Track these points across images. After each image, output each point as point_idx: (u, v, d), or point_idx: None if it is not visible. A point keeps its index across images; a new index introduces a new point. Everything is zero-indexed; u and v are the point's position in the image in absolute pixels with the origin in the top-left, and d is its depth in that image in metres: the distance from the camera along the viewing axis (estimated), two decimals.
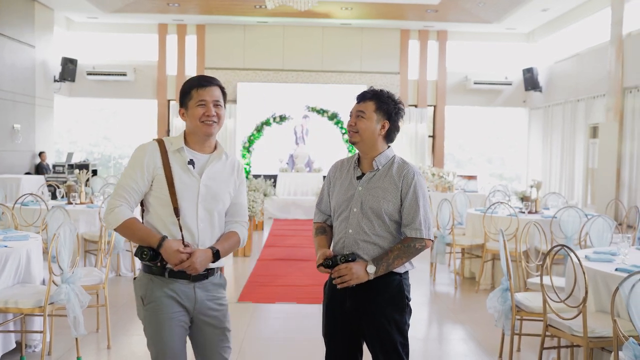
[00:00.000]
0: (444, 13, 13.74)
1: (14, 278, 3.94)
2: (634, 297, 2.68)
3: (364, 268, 2.40)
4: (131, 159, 2.41)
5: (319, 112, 14.13)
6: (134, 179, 2.35)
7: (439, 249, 6.55)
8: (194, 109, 2.38)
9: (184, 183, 2.37)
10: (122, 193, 2.35)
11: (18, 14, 12.41)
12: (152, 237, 2.32)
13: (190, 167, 2.39)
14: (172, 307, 2.36)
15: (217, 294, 2.46)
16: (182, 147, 2.40)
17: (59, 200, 7.18)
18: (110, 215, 2.34)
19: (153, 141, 2.43)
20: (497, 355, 4.27)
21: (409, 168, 2.50)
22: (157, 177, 2.37)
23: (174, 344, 2.36)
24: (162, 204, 2.36)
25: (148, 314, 2.38)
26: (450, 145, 17.10)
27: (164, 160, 2.37)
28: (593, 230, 5.12)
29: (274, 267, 7.22)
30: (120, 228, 2.34)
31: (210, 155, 2.46)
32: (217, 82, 2.43)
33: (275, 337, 4.73)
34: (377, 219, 2.45)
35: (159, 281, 2.37)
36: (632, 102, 10.92)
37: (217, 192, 2.44)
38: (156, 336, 2.36)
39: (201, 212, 2.39)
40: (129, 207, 2.36)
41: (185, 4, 13.43)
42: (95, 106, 17.62)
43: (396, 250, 2.43)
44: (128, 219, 2.33)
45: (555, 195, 8.49)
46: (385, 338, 2.45)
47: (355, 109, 2.54)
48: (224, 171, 2.48)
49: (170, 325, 2.35)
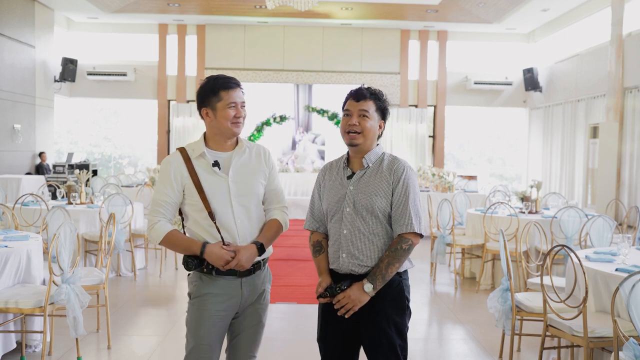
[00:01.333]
0: (444, 13, 13.74)
1: (14, 278, 3.94)
2: (634, 297, 2.67)
3: (362, 289, 2.36)
4: (160, 174, 2.49)
5: (319, 112, 14.13)
6: (165, 193, 2.44)
7: (439, 249, 6.55)
8: (224, 110, 2.42)
9: (213, 185, 2.42)
10: (157, 209, 2.45)
11: (18, 14, 12.42)
12: (194, 245, 2.39)
13: (215, 168, 2.44)
14: (216, 305, 2.42)
15: (263, 287, 2.54)
16: (203, 152, 2.45)
17: (59, 200, 7.18)
18: (152, 231, 2.43)
19: (176, 151, 2.49)
20: (497, 355, 4.27)
21: (399, 162, 2.46)
22: (186, 185, 2.43)
23: (209, 340, 2.42)
24: (197, 210, 2.43)
25: (192, 309, 2.45)
26: (450, 145, 17.10)
27: (189, 169, 2.43)
28: (593, 231, 5.11)
29: (274, 267, 7.18)
30: (163, 242, 2.42)
31: (233, 152, 2.49)
32: (240, 83, 2.49)
33: (275, 337, 4.72)
34: (371, 216, 2.41)
35: (207, 279, 2.44)
36: (632, 102, 10.92)
37: (248, 185, 2.47)
38: (195, 330, 2.43)
39: (237, 209, 2.44)
40: (167, 220, 2.45)
41: (185, 4, 13.43)
42: (95, 106, 17.64)
43: (386, 258, 2.37)
44: (168, 232, 2.41)
45: (555, 195, 8.49)
46: (384, 341, 2.41)
47: (357, 108, 2.43)
48: (250, 163, 2.51)
49: (210, 322, 2.42)
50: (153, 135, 15.77)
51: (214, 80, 2.44)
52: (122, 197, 6.39)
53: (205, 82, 2.46)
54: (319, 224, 2.59)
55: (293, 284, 6.35)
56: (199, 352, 2.41)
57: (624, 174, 11.01)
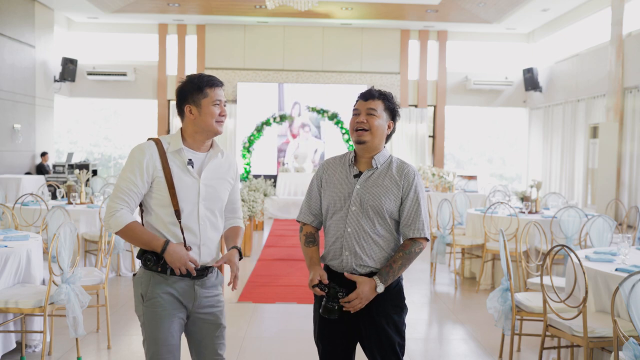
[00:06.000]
0: (444, 13, 13.75)
1: (14, 278, 3.94)
2: (634, 297, 2.67)
3: (373, 288, 2.37)
4: (129, 160, 2.36)
5: (319, 112, 14.13)
6: (133, 181, 2.32)
7: (439, 249, 6.54)
8: (209, 107, 2.37)
9: (184, 184, 2.36)
10: (121, 196, 2.32)
11: (18, 14, 12.42)
12: (156, 241, 2.32)
13: (189, 167, 2.38)
14: (172, 305, 2.37)
15: (215, 291, 2.49)
16: (181, 148, 2.39)
17: (59, 200, 7.18)
18: (112, 219, 2.31)
19: (150, 141, 2.39)
20: (497, 355, 4.27)
21: (410, 168, 2.50)
22: (156, 179, 2.35)
23: (171, 341, 2.37)
24: (162, 205, 2.36)
25: (147, 311, 2.37)
26: (450, 145, 17.11)
27: (163, 162, 2.35)
28: (593, 230, 5.11)
29: (274, 267, 7.21)
30: (122, 232, 2.32)
31: (207, 154, 2.46)
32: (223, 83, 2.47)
33: (275, 337, 4.72)
34: (378, 217, 2.43)
35: (160, 279, 2.37)
36: (632, 102, 10.92)
37: (217, 190, 2.44)
38: (154, 333, 2.36)
39: (202, 212, 2.40)
40: (129, 210, 2.34)
41: (185, 4, 13.43)
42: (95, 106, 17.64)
43: (399, 259, 2.42)
44: (130, 222, 2.31)
45: (555, 195, 8.49)
46: (384, 339, 2.43)
47: (365, 107, 2.46)
48: (221, 169, 2.48)
49: (168, 322, 2.36)
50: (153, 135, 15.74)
51: (199, 77, 2.39)
52: None
53: (188, 80, 2.40)
54: (314, 218, 2.60)
55: (293, 284, 6.35)
56: (162, 355, 2.34)
57: (624, 174, 11.01)
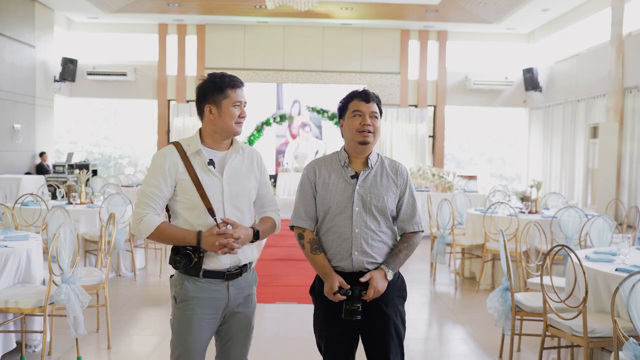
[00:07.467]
0: (444, 13, 13.75)
1: (14, 278, 3.94)
2: (634, 297, 2.68)
3: (384, 277, 2.46)
4: (151, 167, 2.39)
5: (319, 112, 14.13)
6: (156, 186, 2.34)
7: (439, 249, 6.54)
8: (229, 108, 2.36)
9: (207, 184, 2.36)
10: (146, 201, 2.35)
11: (18, 14, 12.42)
12: (189, 235, 2.33)
13: (210, 167, 2.38)
14: (204, 309, 2.37)
15: (249, 291, 2.50)
16: (200, 149, 2.39)
17: (59, 200, 7.18)
18: (141, 224, 2.32)
19: (171, 145, 2.40)
20: (497, 355, 4.27)
21: (401, 165, 2.64)
22: (180, 182, 2.35)
23: (197, 347, 2.37)
24: (188, 208, 2.36)
25: (178, 313, 2.39)
26: (450, 145, 17.11)
27: (186, 164, 2.36)
28: (593, 230, 5.11)
29: (274, 267, 7.22)
30: (154, 235, 2.33)
31: (228, 152, 2.45)
32: (244, 83, 2.45)
33: (275, 337, 4.72)
34: (382, 215, 2.51)
35: (192, 282, 2.37)
36: (632, 102, 10.92)
37: (241, 187, 2.43)
38: (182, 336, 2.37)
39: (228, 210, 2.39)
40: (155, 213, 2.35)
41: (185, 4, 13.43)
42: (95, 106, 17.65)
43: (404, 250, 2.54)
44: (159, 224, 2.33)
45: (555, 195, 8.48)
46: (391, 329, 2.50)
47: (369, 110, 2.50)
48: (243, 165, 2.47)
49: (197, 327, 2.36)
50: (153, 135, 15.78)
51: (221, 77, 2.37)
52: (122, 197, 6.39)
53: (209, 78, 2.38)
54: (311, 222, 2.60)
55: (293, 284, 6.35)
56: (187, 358, 2.36)
57: (624, 174, 11.01)
